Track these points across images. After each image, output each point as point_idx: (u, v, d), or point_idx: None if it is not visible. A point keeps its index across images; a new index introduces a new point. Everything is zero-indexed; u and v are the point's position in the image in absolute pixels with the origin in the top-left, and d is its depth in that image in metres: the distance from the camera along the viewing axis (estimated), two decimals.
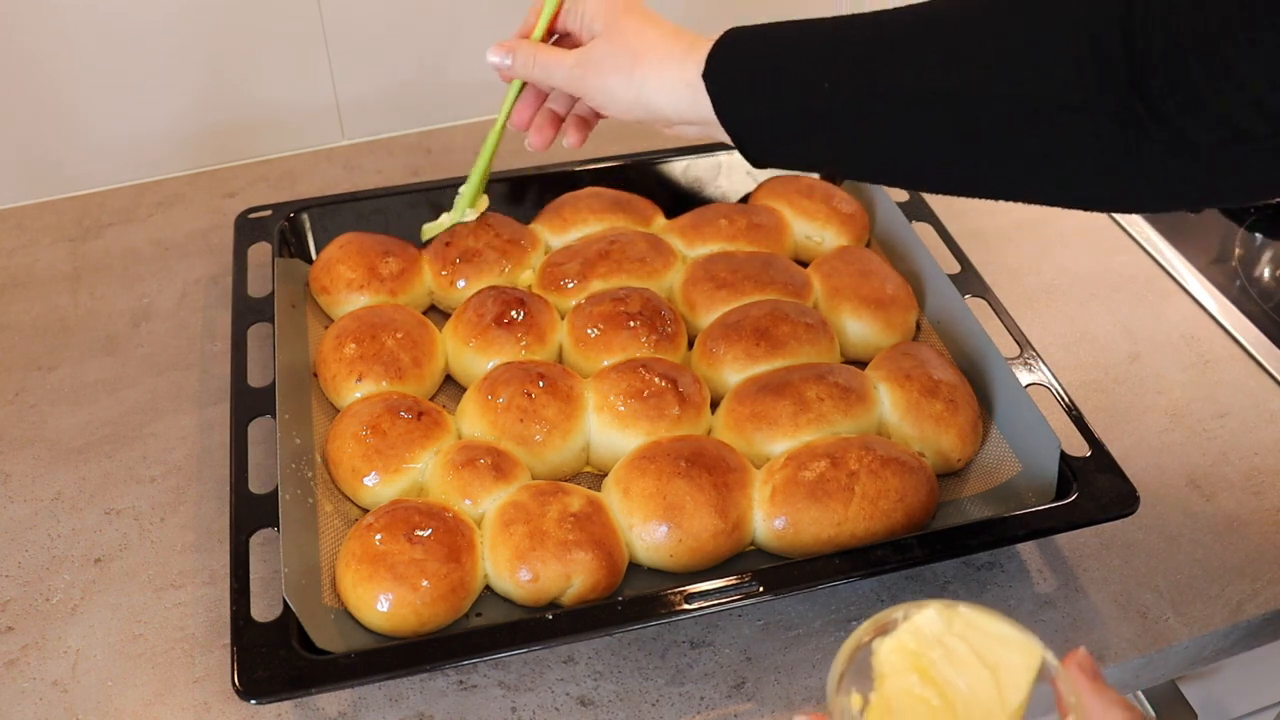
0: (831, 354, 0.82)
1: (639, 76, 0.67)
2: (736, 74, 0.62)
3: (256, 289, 0.86)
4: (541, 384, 0.76)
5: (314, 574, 0.67)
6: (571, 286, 0.86)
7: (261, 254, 0.89)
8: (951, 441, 0.75)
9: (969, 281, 0.88)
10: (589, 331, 0.82)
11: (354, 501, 0.73)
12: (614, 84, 0.68)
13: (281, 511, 0.67)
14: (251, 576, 0.65)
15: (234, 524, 0.68)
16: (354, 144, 1.13)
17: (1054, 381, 0.79)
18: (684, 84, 0.64)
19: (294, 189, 1.07)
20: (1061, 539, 0.75)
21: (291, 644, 0.61)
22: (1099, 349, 0.91)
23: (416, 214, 0.93)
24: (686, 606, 0.63)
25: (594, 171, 0.98)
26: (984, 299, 0.86)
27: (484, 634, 0.62)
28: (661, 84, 0.66)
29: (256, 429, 0.75)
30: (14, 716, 0.65)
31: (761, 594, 0.64)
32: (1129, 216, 1.04)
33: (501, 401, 0.75)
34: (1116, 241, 1.02)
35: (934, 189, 0.61)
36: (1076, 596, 0.72)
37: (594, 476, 0.77)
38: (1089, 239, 1.02)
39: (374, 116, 1.13)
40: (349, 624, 0.66)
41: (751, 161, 0.65)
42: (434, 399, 0.82)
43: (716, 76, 0.63)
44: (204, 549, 0.74)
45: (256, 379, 0.77)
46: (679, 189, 0.99)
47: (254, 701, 0.59)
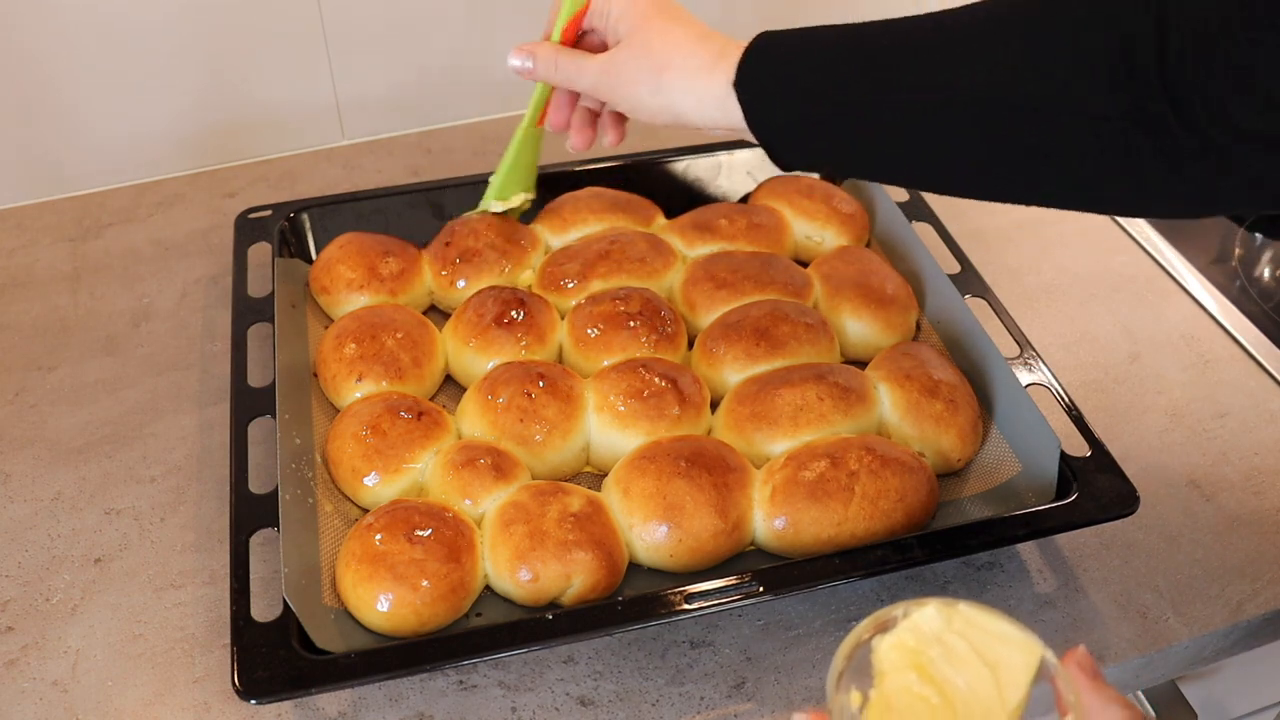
0: (831, 354, 0.82)
1: (666, 85, 0.66)
2: (769, 80, 0.62)
3: (256, 289, 0.86)
4: (541, 384, 0.76)
5: (314, 574, 0.67)
6: (571, 286, 0.86)
7: (261, 254, 0.89)
8: (951, 441, 0.75)
9: (969, 281, 0.88)
10: (589, 331, 0.82)
11: (354, 501, 0.73)
12: (641, 93, 0.67)
13: (281, 511, 0.67)
14: (251, 576, 0.65)
15: (234, 524, 0.68)
16: (354, 144, 1.13)
17: (1054, 381, 0.79)
18: (712, 94, 0.64)
19: (294, 189, 1.07)
20: (1061, 539, 0.75)
21: (291, 644, 0.61)
22: (1099, 349, 0.91)
23: (416, 214, 0.93)
24: (686, 606, 0.63)
25: (594, 171, 0.98)
26: (984, 299, 0.86)
27: (484, 634, 0.62)
28: (689, 93, 0.65)
29: (256, 429, 0.75)
30: (14, 716, 0.65)
31: (761, 594, 0.64)
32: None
33: (501, 401, 0.75)
34: (1116, 241, 1.02)
35: (965, 194, 0.60)
36: (1076, 596, 0.72)
37: (594, 476, 0.77)
38: (1089, 239, 1.02)
39: (374, 116, 1.13)
40: (349, 624, 0.66)
41: (780, 165, 0.64)
42: (434, 399, 0.82)
43: (748, 85, 0.62)
44: (204, 549, 0.74)
45: (256, 379, 0.77)
46: (679, 189, 0.99)
47: (254, 701, 0.59)
